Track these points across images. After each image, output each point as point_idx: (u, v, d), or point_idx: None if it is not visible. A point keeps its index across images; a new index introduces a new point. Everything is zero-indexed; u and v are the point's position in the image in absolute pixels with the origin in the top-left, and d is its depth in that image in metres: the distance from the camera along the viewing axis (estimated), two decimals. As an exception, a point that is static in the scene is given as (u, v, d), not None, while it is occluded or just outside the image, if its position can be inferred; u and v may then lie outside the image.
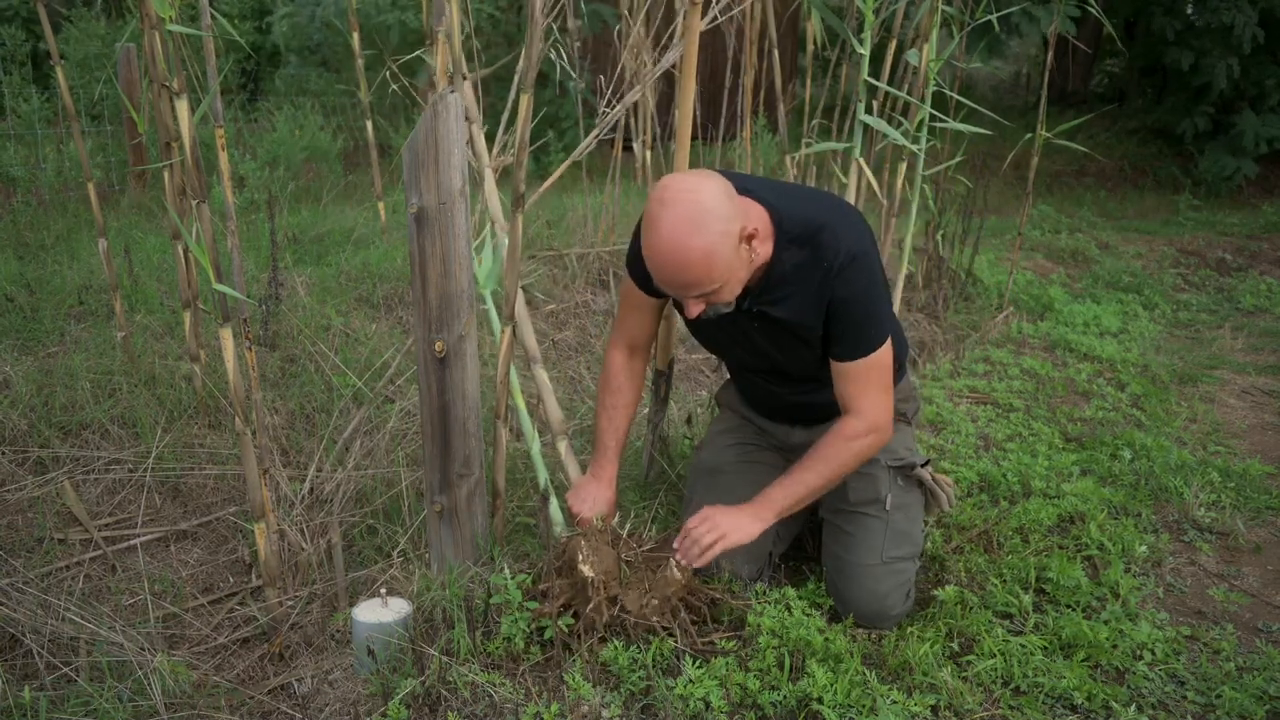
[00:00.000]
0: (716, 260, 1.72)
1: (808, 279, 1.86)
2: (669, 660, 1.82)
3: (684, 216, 1.69)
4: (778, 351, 2.00)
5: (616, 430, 2.14)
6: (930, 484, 2.12)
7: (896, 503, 2.06)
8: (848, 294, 1.85)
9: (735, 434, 2.27)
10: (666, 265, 1.73)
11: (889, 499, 2.05)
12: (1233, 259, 6.42)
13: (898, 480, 2.09)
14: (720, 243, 1.71)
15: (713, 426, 2.37)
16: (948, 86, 3.78)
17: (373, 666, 1.79)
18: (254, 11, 9.12)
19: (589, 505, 2.07)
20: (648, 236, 1.74)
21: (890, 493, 2.06)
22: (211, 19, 1.77)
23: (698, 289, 1.76)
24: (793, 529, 2.29)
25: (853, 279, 1.84)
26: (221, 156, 1.82)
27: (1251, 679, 1.89)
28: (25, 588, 2.04)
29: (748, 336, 2.00)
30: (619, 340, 2.17)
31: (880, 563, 1.99)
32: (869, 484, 2.06)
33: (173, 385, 2.87)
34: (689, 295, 1.78)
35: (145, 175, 5.40)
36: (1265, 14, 8.19)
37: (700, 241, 1.69)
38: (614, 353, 2.17)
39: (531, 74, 1.87)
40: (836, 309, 1.86)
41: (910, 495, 2.09)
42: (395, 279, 3.86)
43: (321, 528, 2.30)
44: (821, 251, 1.84)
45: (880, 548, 2.01)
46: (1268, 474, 2.93)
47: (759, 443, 2.26)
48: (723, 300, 1.82)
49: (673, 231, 1.69)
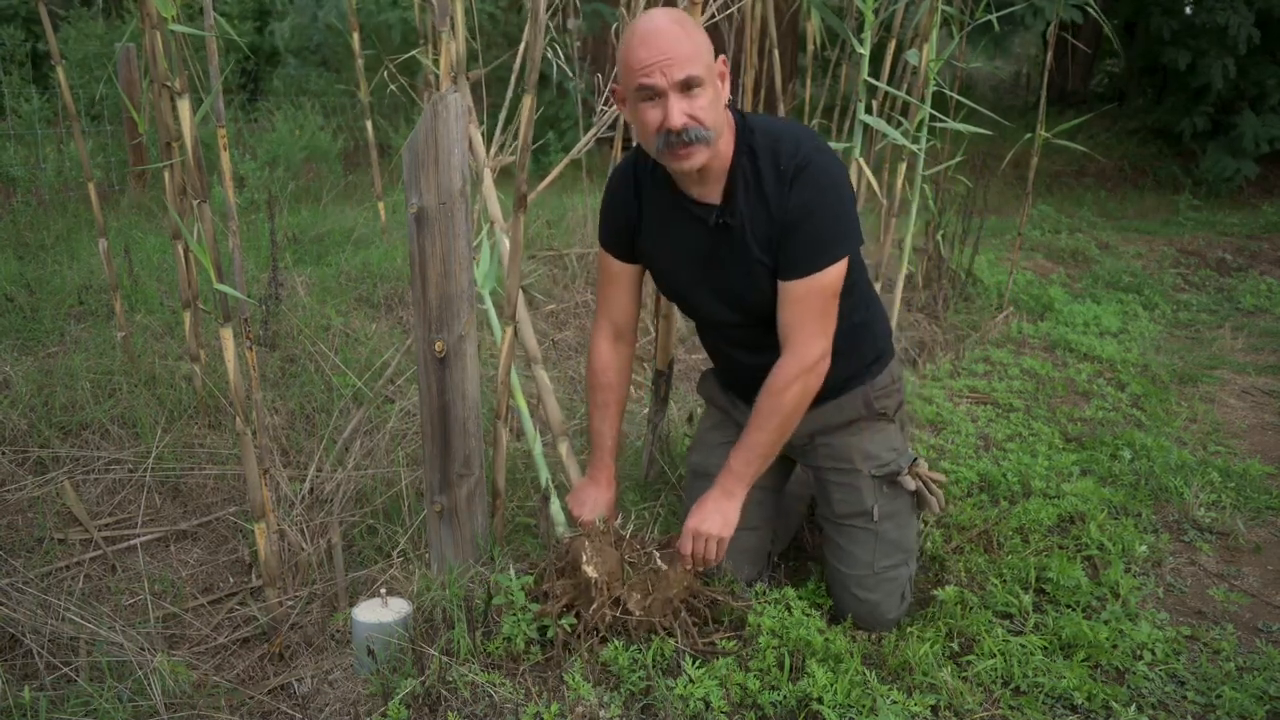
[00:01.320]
0: (703, 45, 1.74)
1: (766, 184, 1.81)
2: (669, 660, 1.82)
3: (673, 12, 1.76)
4: (743, 277, 1.89)
5: (611, 427, 2.11)
6: (920, 489, 2.05)
7: (885, 511, 2.01)
8: (799, 201, 1.78)
9: (720, 431, 2.21)
10: (657, 35, 1.71)
11: (876, 509, 2.00)
12: (1233, 259, 6.42)
13: (883, 489, 2.02)
14: (701, 35, 1.75)
15: (700, 424, 2.33)
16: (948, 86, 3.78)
17: (373, 666, 1.79)
18: (253, 12, 9.12)
19: (589, 508, 2.06)
20: (632, 31, 1.75)
21: (877, 503, 2.01)
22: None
23: (686, 66, 1.69)
24: (792, 529, 2.29)
25: (806, 184, 1.77)
26: (223, 156, 1.82)
27: (1251, 679, 1.89)
28: (25, 588, 2.04)
29: (717, 256, 1.92)
30: (602, 324, 2.10)
31: (871, 573, 1.98)
32: (854, 496, 2.02)
33: (173, 385, 2.87)
34: (676, 77, 1.70)
35: (145, 175, 5.40)
36: (1262, 14, 8.19)
37: (684, 20, 1.74)
38: (599, 341, 2.10)
39: (533, 74, 1.87)
40: (789, 218, 1.79)
41: (899, 502, 2.04)
42: (395, 279, 3.86)
43: (321, 528, 2.30)
44: (779, 158, 1.79)
45: (871, 560, 1.99)
46: (1268, 474, 2.93)
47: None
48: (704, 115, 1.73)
49: (663, 16, 1.74)
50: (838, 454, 2.04)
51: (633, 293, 2.08)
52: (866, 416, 2.04)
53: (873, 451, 2.02)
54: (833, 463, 2.04)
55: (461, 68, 2.16)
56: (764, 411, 1.87)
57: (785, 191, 1.78)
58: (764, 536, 2.17)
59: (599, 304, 2.12)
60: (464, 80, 2.17)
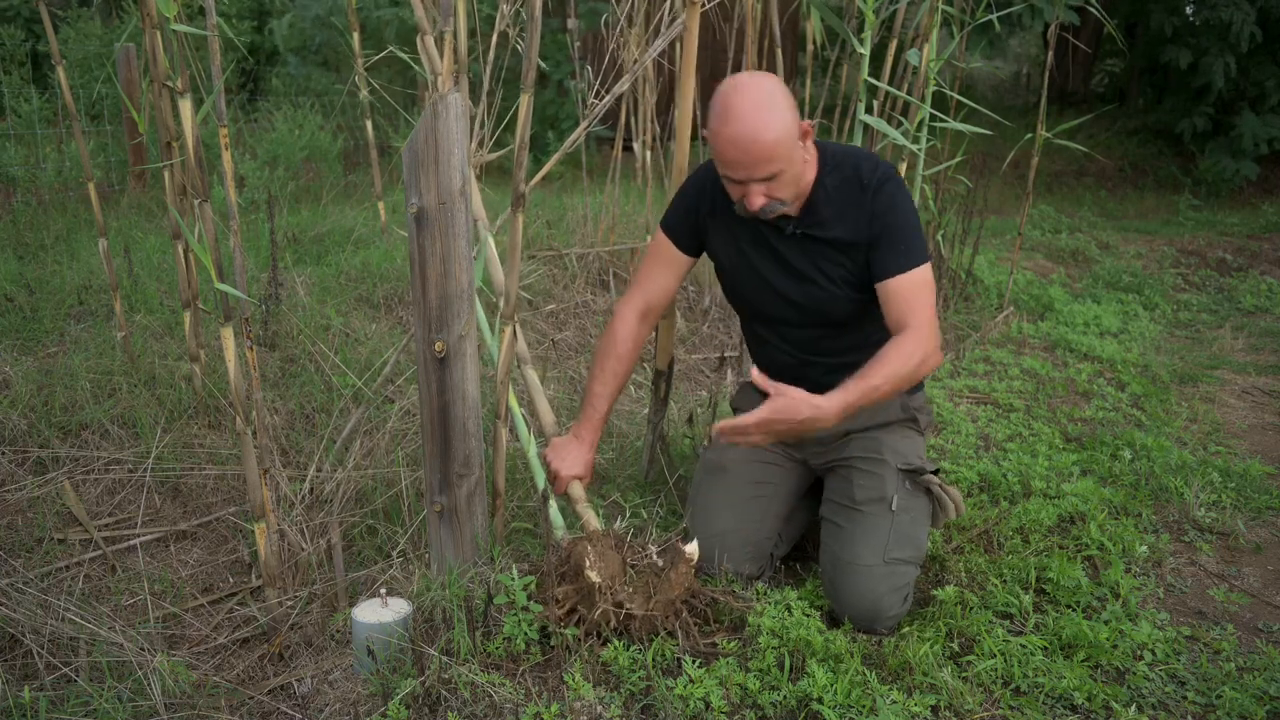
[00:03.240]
0: (784, 138, 1.85)
1: (850, 196, 1.98)
2: (669, 661, 1.82)
3: (758, 97, 1.84)
4: (820, 281, 2.03)
5: (609, 396, 2.17)
6: (938, 493, 2.11)
7: (902, 505, 2.05)
8: (890, 205, 1.96)
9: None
10: (740, 141, 1.83)
11: (895, 499, 2.04)
12: (1233, 259, 6.42)
13: (905, 484, 2.08)
14: (788, 121, 1.85)
15: None
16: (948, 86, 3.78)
17: (373, 666, 1.79)
18: (252, 11, 9.12)
19: (567, 464, 2.10)
20: (721, 119, 1.85)
21: (897, 494, 2.05)
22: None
23: (767, 167, 1.85)
24: (796, 531, 2.28)
25: (894, 193, 1.97)
26: (225, 156, 1.83)
27: (1252, 679, 1.89)
28: (25, 588, 2.04)
29: (792, 266, 2.05)
30: (635, 299, 2.19)
31: (881, 563, 1.97)
32: (877, 483, 2.06)
33: (173, 385, 2.87)
34: (757, 175, 1.86)
35: (145, 175, 5.40)
36: (1264, 13, 8.19)
37: (772, 117, 1.83)
38: (627, 312, 2.18)
39: (531, 74, 1.86)
40: (881, 221, 1.96)
41: (917, 500, 2.08)
42: (395, 279, 3.86)
43: (321, 528, 2.30)
44: (860, 172, 1.99)
45: (883, 547, 1.99)
46: (1268, 474, 2.93)
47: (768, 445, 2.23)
48: (782, 193, 1.91)
49: (748, 109, 1.83)
50: (868, 446, 2.13)
51: (677, 278, 2.21)
52: (900, 420, 2.17)
53: (901, 449, 2.12)
54: (861, 453, 2.12)
55: (464, 67, 2.16)
56: (886, 360, 1.90)
57: (872, 200, 1.97)
58: (770, 535, 2.17)
59: (638, 278, 2.22)
60: (464, 80, 2.17)
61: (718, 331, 4.07)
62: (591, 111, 2.24)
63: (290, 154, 5.87)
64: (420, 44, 2.13)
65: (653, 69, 4.02)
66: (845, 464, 2.15)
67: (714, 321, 4.13)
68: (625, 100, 4.20)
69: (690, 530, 2.15)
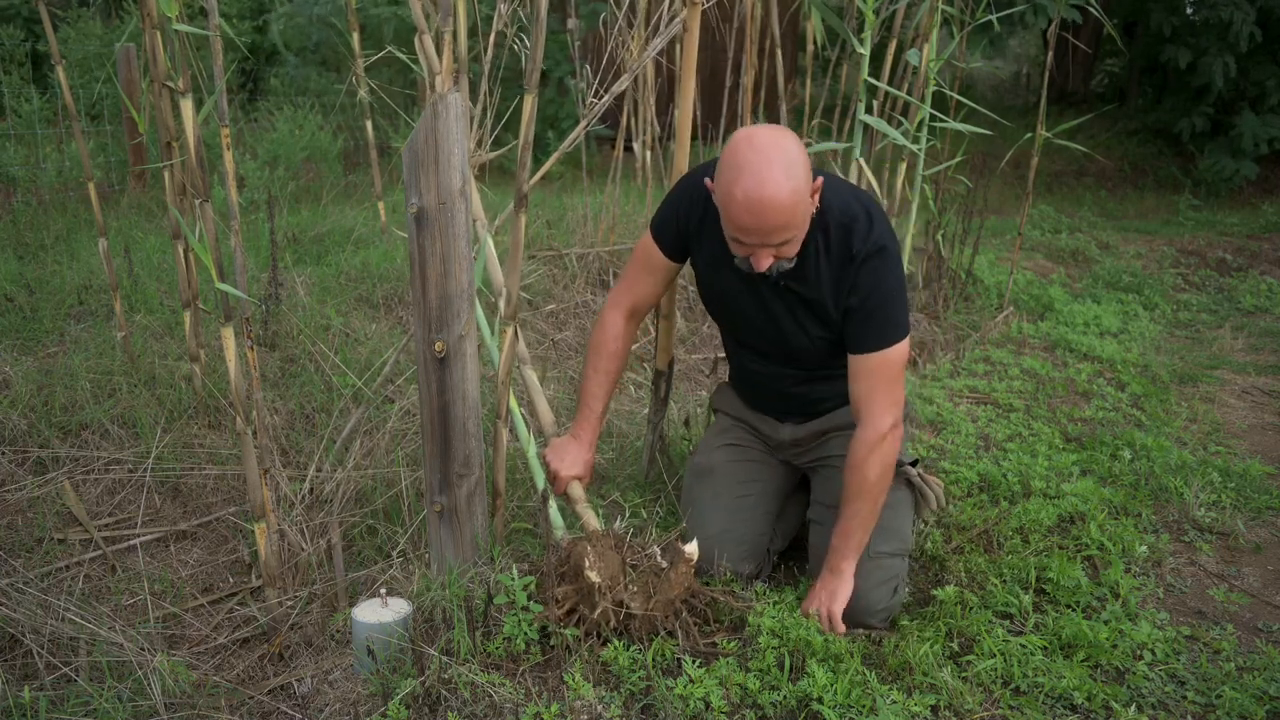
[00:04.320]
0: (800, 207, 1.79)
1: (837, 262, 1.92)
2: (670, 660, 1.82)
3: (777, 163, 1.75)
4: (794, 328, 2.02)
5: (604, 394, 2.17)
6: (919, 484, 2.12)
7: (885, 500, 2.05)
8: (871, 284, 1.90)
9: (727, 435, 2.29)
10: (756, 209, 1.76)
11: None
12: (1233, 259, 6.42)
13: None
14: (804, 189, 1.79)
15: (708, 431, 2.39)
16: (948, 86, 3.78)
17: (373, 666, 1.79)
18: (252, 11, 9.12)
19: (566, 465, 2.10)
20: (737, 181, 1.76)
21: None
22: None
23: (781, 235, 1.80)
24: (791, 527, 2.30)
25: (878, 269, 1.90)
26: (227, 156, 1.82)
27: (1251, 679, 1.89)
28: (25, 588, 2.04)
29: (769, 308, 2.02)
30: (621, 300, 2.18)
31: (868, 556, 1.99)
32: None
33: (173, 385, 2.87)
34: (770, 242, 1.81)
35: (145, 175, 5.40)
36: (1264, 13, 8.18)
37: (790, 186, 1.75)
38: (613, 313, 2.17)
39: (535, 74, 1.86)
40: (861, 297, 1.91)
41: (897, 493, 2.08)
42: (395, 279, 3.86)
43: (321, 528, 2.30)
44: (851, 240, 1.90)
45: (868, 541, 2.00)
46: (1268, 474, 2.92)
47: (749, 443, 2.27)
48: (790, 252, 1.87)
49: (766, 177, 1.74)
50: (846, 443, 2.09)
51: (663, 284, 2.20)
52: None
53: None
54: (841, 451, 2.10)
55: (464, 67, 2.16)
56: (852, 489, 1.94)
57: (856, 271, 1.90)
58: (764, 532, 2.18)
59: (625, 279, 2.20)
60: (465, 79, 2.17)
61: (717, 331, 4.07)
62: (591, 111, 2.24)
63: (290, 154, 5.87)
64: (418, 43, 2.13)
65: (652, 69, 4.02)
66: (826, 463, 2.17)
67: (714, 322, 4.12)
68: (625, 100, 4.20)
69: (687, 532, 2.15)
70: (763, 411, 2.25)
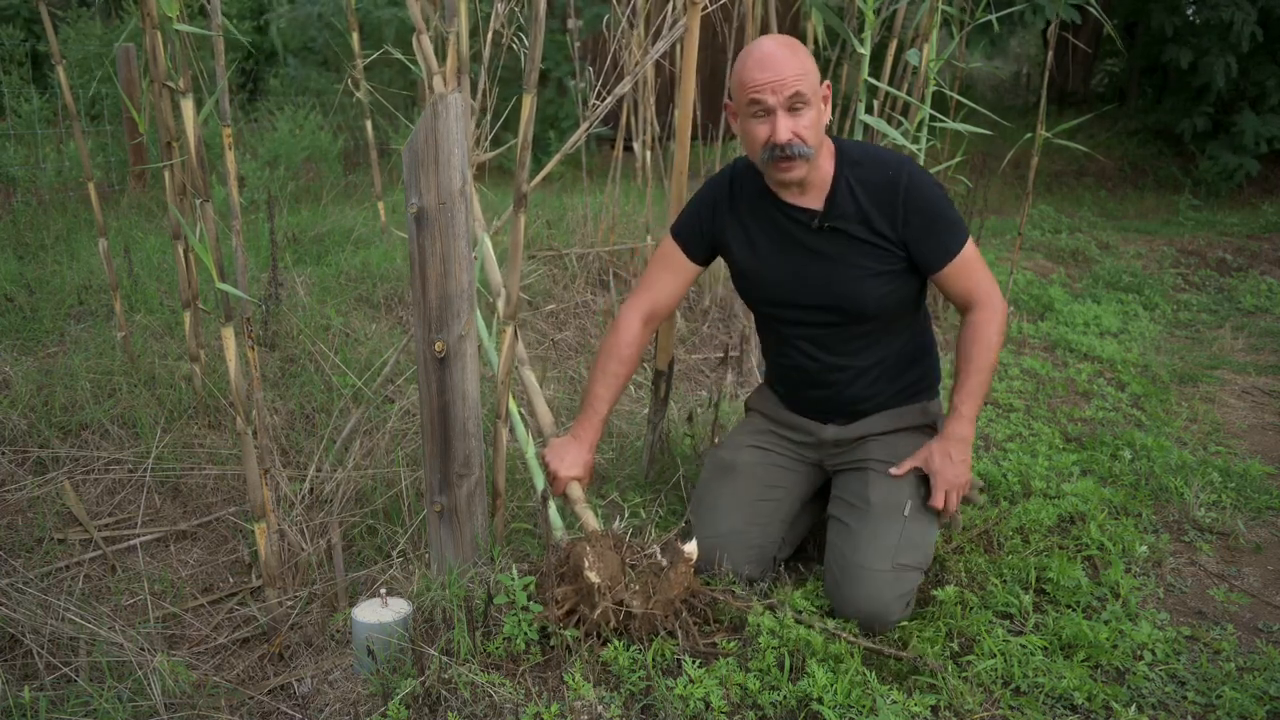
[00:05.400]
0: (811, 66, 1.91)
1: (880, 195, 2.00)
2: (669, 661, 1.82)
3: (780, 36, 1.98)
4: (849, 267, 2.03)
5: (610, 398, 2.16)
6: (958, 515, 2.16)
7: (915, 512, 2.04)
8: (922, 199, 1.98)
9: (757, 436, 2.25)
10: (768, 59, 1.89)
11: (909, 505, 2.03)
12: (1233, 259, 6.42)
13: (920, 491, 2.06)
14: (811, 61, 1.92)
15: (737, 427, 2.36)
16: (948, 86, 3.78)
17: (373, 666, 1.79)
18: (252, 11, 9.12)
19: (566, 465, 2.08)
20: (749, 51, 1.92)
21: (911, 500, 2.04)
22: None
23: (796, 83, 1.87)
24: (799, 534, 2.28)
25: (922, 182, 1.99)
26: (228, 155, 1.83)
27: (1252, 679, 1.89)
28: (25, 588, 2.04)
29: (818, 256, 2.05)
30: (640, 303, 2.18)
31: (890, 568, 1.96)
32: (894, 487, 2.05)
33: (173, 385, 2.87)
34: (786, 92, 1.88)
35: (145, 175, 5.40)
36: (1265, 13, 8.18)
37: (800, 48, 1.92)
38: (631, 316, 2.17)
39: (533, 75, 1.86)
40: (916, 212, 1.99)
41: (929, 512, 2.07)
42: (395, 279, 3.86)
43: (321, 528, 2.30)
44: (883, 166, 2.01)
45: (892, 552, 1.97)
46: (1268, 474, 2.93)
47: (780, 448, 2.23)
48: (808, 134, 1.92)
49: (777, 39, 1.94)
50: (888, 449, 2.13)
51: (684, 286, 2.22)
52: (919, 426, 2.19)
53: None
54: (881, 455, 2.12)
55: (465, 67, 2.16)
56: (977, 354, 2.05)
57: (900, 193, 1.98)
58: (775, 539, 2.16)
59: (644, 282, 2.22)
60: (466, 80, 2.17)
61: (718, 331, 4.07)
62: (592, 112, 2.24)
63: (291, 154, 5.87)
64: (416, 43, 2.13)
65: (653, 69, 4.02)
66: (861, 465, 2.14)
67: (714, 321, 4.13)
68: (625, 101, 4.20)
69: (694, 528, 2.14)
70: (803, 413, 2.22)
